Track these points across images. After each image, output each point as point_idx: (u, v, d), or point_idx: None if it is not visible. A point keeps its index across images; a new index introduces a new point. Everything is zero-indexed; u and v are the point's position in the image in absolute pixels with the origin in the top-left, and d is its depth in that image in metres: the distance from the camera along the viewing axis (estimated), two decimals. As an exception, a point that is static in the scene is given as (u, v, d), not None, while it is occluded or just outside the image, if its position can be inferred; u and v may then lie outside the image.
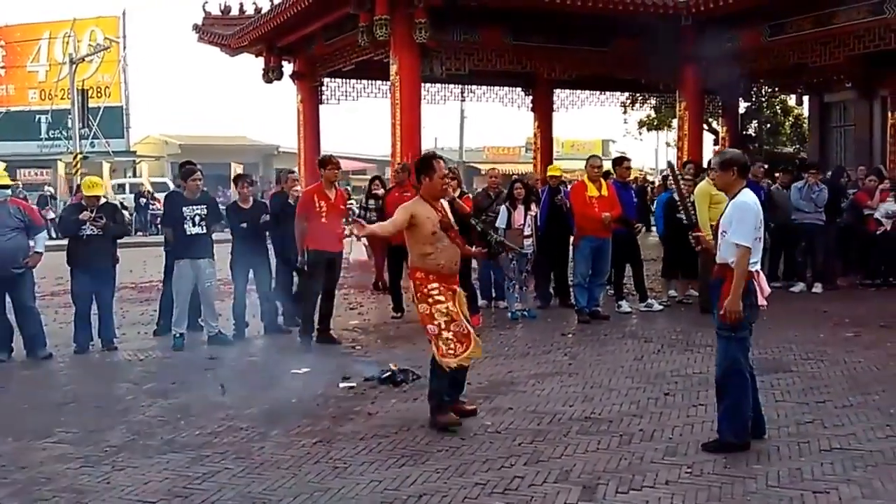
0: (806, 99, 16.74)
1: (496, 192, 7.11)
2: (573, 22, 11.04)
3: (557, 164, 9.20)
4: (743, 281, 3.35)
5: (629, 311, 6.97)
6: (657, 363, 5.09)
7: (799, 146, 20.87)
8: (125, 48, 27.54)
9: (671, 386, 4.50)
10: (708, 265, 6.39)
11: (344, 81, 14.11)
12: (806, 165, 8.74)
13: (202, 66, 76.68)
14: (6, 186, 5.57)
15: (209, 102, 67.02)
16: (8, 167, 11.43)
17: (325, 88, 14.00)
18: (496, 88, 15.14)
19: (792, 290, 7.98)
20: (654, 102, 20.41)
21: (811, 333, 5.85)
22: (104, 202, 5.79)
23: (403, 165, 7.79)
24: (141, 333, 6.35)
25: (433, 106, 14.81)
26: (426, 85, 14.00)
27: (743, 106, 17.94)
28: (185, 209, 5.62)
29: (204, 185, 5.94)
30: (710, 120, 18.40)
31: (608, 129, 78.09)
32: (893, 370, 4.74)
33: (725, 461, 3.32)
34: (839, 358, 5.07)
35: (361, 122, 58.74)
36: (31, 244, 5.45)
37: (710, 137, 18.22)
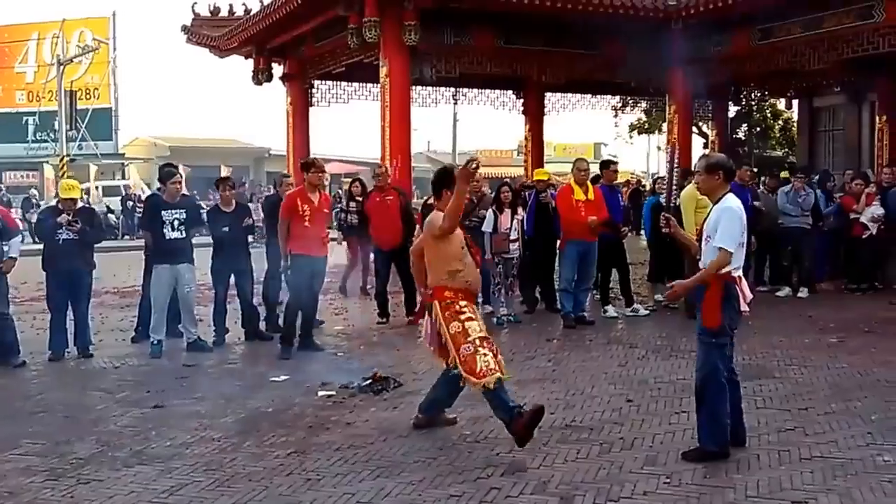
0: (795, 103, 16.81)
1: (479, 195, 7.06)
2: (563, 26, 11.03)
3: (549, 167, 9.19)
4: (707, 277, 3.37)
5: (615, 316, 6.93)
6: (641, 369, 5.04)
7: (788, 150, 20.96)
8: (115, 49, 27.36)
9: (654, 392, 4.46)
10: (695, 269, 6.41)
11: (334, 84, 14.05)
12: (793, 170, 8.74)
13: (193, 67, 76.55)
14: None
15: (199, 104, 66.90)
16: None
17: (315, 91, 13.93)
18: (487, 91, 15.12)
19: (778, 294, 7.97)
20: (644, 106, 20.49)
21: (796, 339, 5.82)
22: (81, 206, 5.70)
23: (385, 169, 7.71)
24: (119, 340, 6.24)
25: (425, 109, 14.80)
26: (417, 87, 13.97)
27: (733, 110, 18.00)
28: (163, 213, 5.53)
29: (193, 188, 5.85)
30: (699, 124, 18.46)
31: (600, 132, 78.44)
32: (876, 376, 4.71)
33: (705, 471, 3.27)
34: (823, 364, 5.04)
35: (355, 124, 58.68)
36: (4, 249, 5.34)
37: (699, 141, 18.27)
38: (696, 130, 18.65)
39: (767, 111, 21.21)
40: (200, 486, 3.20)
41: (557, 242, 6.94)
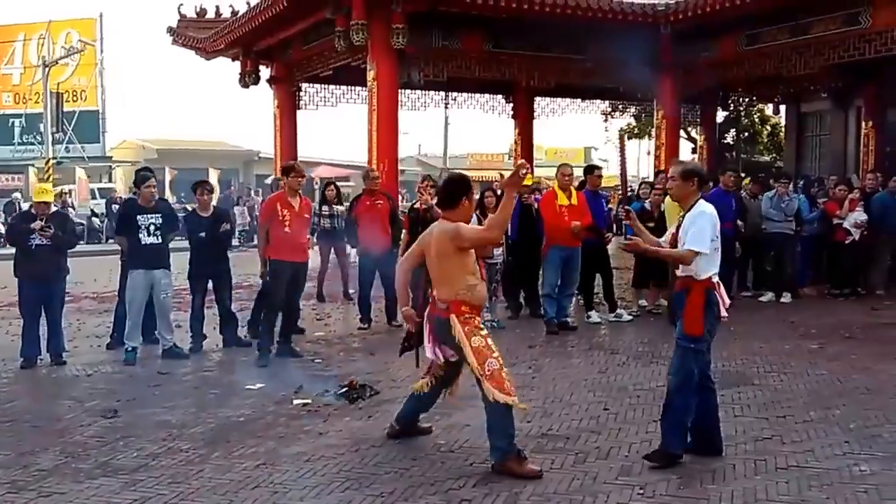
0: (783, 108, 16.89)
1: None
2: (552, 30, 11.01)
3: (540, 171, 9.16)
4: (672, 256, 3.46)
5: (598, 321, 6.90)
6: (621, 376, 5.00)
7: (776, 155, 21.07)
8: (102, 51, 27.10)
9: (633, 400, 4.41)
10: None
11: (323, 87, 13.96)
12: (777, 175, 8.76)
13: (182, 70, 76.18)
14: None
15: (188, 107, 66.52)
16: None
17: (302, 94, 13.84)
18: (477, 95, 15.09)
19: (761, 299, 7.97)
20: (634, 111, 20.52)
21: (776, 345, 5.80)
22: (54, 211, 5.60)
23: (377, 174, 7.63)
24: (94, 346, 6.14)
25: (415, 112, 14.76)
26: (406, 91, 13.91)
27: (721, 115, 18.06)
28: (139, 217, 5.44)
29: (181, 191, 5.78)
30: (688, 129, 18.51)
31: (591, 136, 78.57)
32: (855, 383, 4.69)
33: (679, 481, 3.23)
34: (802, 370, 5.01)
35: (345, 127, 58.55)
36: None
37: (688, 146, 18.33)
38: (685, 135, 18.72)
39: (756, 116, 21.31)
40: (164, 499, 3.12)
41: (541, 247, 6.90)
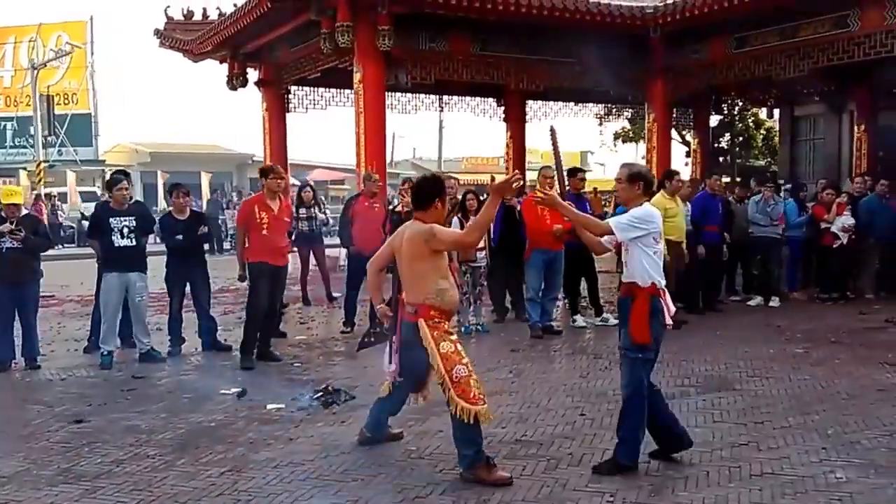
0: (777, 112, 16.88)
1: (452, 202, 6.93)
2: (541, 33, 10.99)
3: (532, 174, 9.09)
4: (588, 223, 3.53)
5: (584, 325, 6.84)
6: (601, 381, 4.94)
7: (771, 159, 21.05)
8: (93, 54, 26.98)
9: (610, 406, 4.33)
10: (677, 278, 6.32)
11: (311, 90, 13.91)
12: (762, 179, 8.72)
13: (176, 73, 76.06)
14: None
15: (182, 110, 66.35)
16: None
17: (291, 97, 13.79)
18: (468, 98, 15.05)
19: (749, 303, 7.93)
20: (628, 114, 20.48)
21: (761, 349, 5.74)
22: (25, 214, 5.52)
23: (376, 177, 7.52)
24: (71, 350, 6.06)
25: (408, 116, 14.72)
26: (397, 94, 13.88)
27: (715, 119, 18.05)
28: (112, 220, 5.37)
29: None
30: (683, 132, 18.49)
31: (587, 140, 78.73)
32: (837, 388, 4.64)
33: (650, 489, 3.16)
34: (785, 375, 4.96)
35: (340, 130, 58.47)
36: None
37: (681, 150, 18.28)
38: (679, 139, 18.70)
39: (750, 120, 21.31)
40: (123, 507, 3.05)
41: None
